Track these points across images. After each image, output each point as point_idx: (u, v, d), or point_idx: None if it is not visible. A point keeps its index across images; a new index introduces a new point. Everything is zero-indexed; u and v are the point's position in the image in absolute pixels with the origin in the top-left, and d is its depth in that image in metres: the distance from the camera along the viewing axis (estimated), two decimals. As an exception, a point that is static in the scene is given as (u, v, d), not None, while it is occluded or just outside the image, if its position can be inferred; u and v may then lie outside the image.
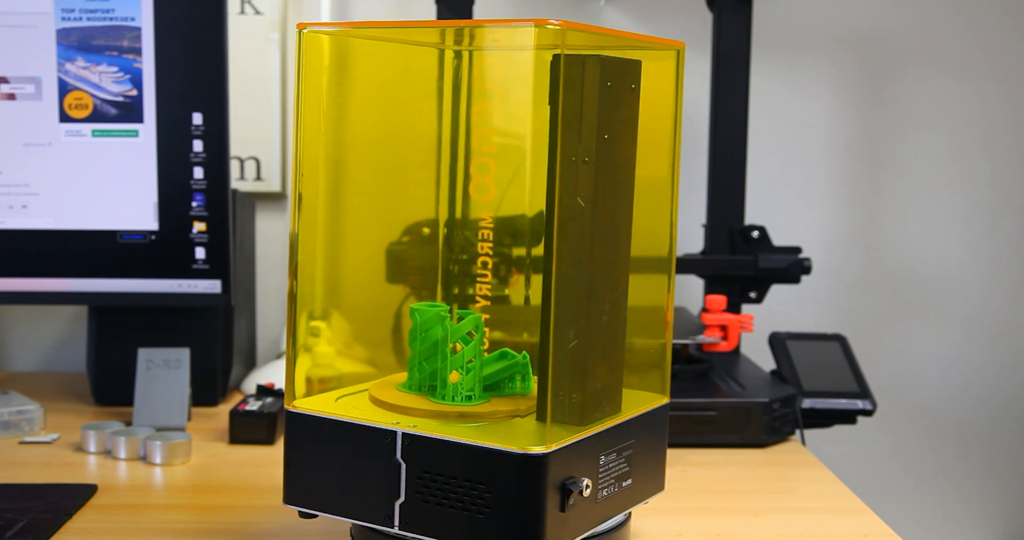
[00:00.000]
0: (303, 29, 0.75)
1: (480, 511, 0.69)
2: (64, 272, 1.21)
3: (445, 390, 0.76)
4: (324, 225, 0.81)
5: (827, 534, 0.88)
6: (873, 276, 1.58)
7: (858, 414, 1.18)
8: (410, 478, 0.71)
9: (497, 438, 0.69)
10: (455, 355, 0.75)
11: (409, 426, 0.71)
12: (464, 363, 0.75)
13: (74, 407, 1.26)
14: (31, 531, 0.82)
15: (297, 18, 1.51)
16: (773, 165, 1.55)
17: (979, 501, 1.61)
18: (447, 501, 0.70)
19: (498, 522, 0.68)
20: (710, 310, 1.18)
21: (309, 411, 0.76)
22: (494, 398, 0.77)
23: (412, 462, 0.71)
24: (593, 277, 0.73)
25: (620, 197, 0.75)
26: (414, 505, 0.71)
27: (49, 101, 1.19)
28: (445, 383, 0.76)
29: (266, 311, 1.53)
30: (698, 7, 1.41)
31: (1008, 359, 1.60)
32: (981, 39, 1.55)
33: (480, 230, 0.79)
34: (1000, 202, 1.58)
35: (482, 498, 0.69)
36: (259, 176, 1.50)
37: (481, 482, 0.69)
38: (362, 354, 0.85)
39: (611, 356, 0.76)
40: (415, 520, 0.71)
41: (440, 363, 0.76)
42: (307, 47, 0.76)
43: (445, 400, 0.75)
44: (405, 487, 0.71)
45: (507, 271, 0.85)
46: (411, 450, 0.71)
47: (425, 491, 0.71)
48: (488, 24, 0.74)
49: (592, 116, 0.71)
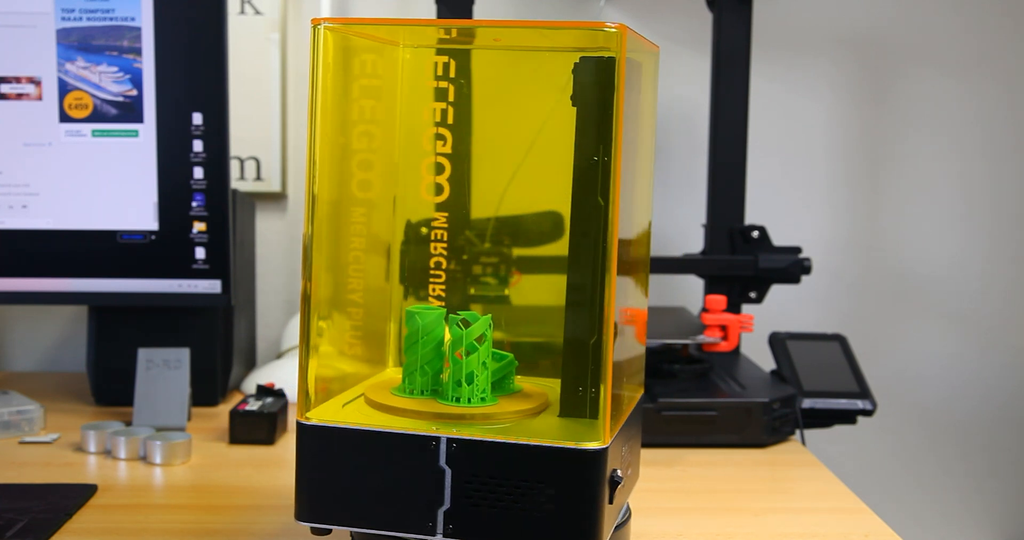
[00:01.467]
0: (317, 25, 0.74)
1: (539, 510, 0.68)
2: (64, 272, 1.21)
3: (459, 393, 0.74)
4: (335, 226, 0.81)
5: (827, 534, 0.88)
6: (873, 276, 1.58)
7: (858, 414, 1.18)
8: (456, 484, 0.69)
9: (551, 436, 0.69)
10: (470, 357, 0.74)
11: (451, 431, 0.70)
12: (479, 365, 0.75)
13: (74, 407, 1.26)
14: (31, 531, 0.82)
15: (297, 18, 1.51)
16: (773, 165, 1.55)
17: (979, 501, 1.61)
18: (501, 504, 0.69)
19: (559, 520, 0.68)
20: (710, 310, 1.18)
21: (330, 423, 0.72)
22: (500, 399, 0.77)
23: (459, 467, 0.69)
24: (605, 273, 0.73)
25: (638, 194, 0.76)
26: (462, 511, 0.69)
27: (49, 101, 1.19)
28: (459, 385, 0.75)
29: (266, 311, 1.53)
30: (698, 7, 1.41)
31: (1008, 359, 1.60)
32: (981, 39, 1.55)
33: (433, 230, 0.79)
34: (999, 202, 1.58)
35: (542, 497, 0.68)
36: (259, 176, 1.50)
37: (540, 481, 0.68)
38: (362, 356, 0.85)
39: (629, 351, 0.77)
40: (463, 526, 0.69)
41: (454, 366, 0.74)
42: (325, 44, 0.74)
43: (461, 403, 0.74)
44: (451, 494, 0.69)
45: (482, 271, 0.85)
46: (458, 455, 0.69)
47: (475, 495, 0.69)
48: (550, 26, 0.74)
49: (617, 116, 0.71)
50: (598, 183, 0.71)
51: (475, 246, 0.85)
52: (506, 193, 0.84)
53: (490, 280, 0.84)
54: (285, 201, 1.53)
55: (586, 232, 0.72)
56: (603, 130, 0.71)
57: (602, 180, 0.72)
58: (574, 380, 0.74)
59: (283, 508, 0.91)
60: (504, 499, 0.68)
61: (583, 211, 0.72)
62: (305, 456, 0.72)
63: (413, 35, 0.81)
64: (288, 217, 1.53)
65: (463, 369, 0.74)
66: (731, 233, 1.35)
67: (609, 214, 0.70)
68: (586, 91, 0.71)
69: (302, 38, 1.51)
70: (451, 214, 0.82)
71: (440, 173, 0.81)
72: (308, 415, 0.73)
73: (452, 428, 0.70)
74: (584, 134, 0.71)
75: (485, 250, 0.85)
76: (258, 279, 1.50)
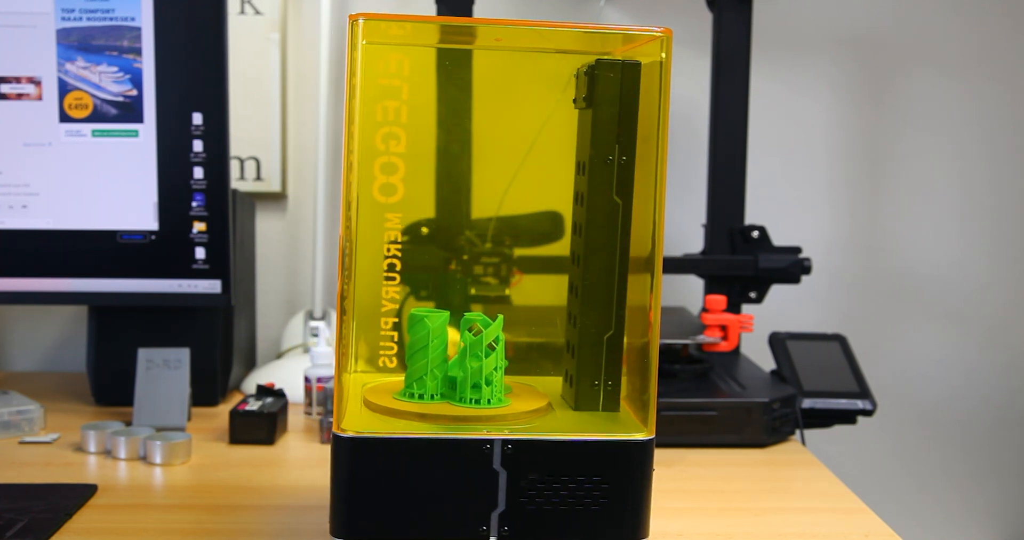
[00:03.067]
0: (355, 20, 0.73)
1: (595, 503, 0.69)
2: (64, 272, 1.21)
3: (477, 394, 0.74)
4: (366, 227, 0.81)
5: (827, 534, 0.88)
6: (873, 276, 1.58)
7: (858, 414, 1.18)
8: (511, 485, 0.69)
9: (598, 430, 0.70)
10: (487, 359, 0.74)
11: (503, 433, 0.69)
12: (497, 366, 0.75)
13: (74, 407, 1.26)
14: (31, 531, 0.82)
15: (297, 18, 1.51)
16: (773, 165, 1.55)
17: (979, 501, 1.61)
18: (556, 501, 0.69)
19: (614, 510, 0.69)
20: (710, 310, 1.18)
21: (372, 434, 0.69)
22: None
23: (514, 468, 0.69)
24: (623, 270, 0.76)
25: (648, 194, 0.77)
26: (516, 512, 0.69)
27: (49, 101, 1.19)
28: (476, 388, 0.74)
29: (266, 311, 1.53)
30: (698, 7, 1.41)
31: (1008, 359, 1.60)
32: (981, 39, 1.55)
33: (386, 232, 0.78)
34: (999, 202, 1.58)
35: (597, 490, 0.69)
36: (259, 176, 1.50)
37: (596, 475, 0.69)
38: (366, 355, 0.85)
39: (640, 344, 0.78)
40: (518, 527, 0.69)
41: (473, 367, 0.74)
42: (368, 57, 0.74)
43: (481, 404, 0.74)
44: (505, 495, 0.69)
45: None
46: (514, 457, 0.69)
47: (531, 495, 0.69)
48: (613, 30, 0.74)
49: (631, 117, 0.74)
50: (614, 182, 0.74)
51: (475, 246, 0.85)
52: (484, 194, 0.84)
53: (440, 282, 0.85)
54: (285, 201, 1.53)
55: (603, 230, 0.74)
56: (626, 131, 0.73)
57: (619, 179, 0.74)
58: (589, 375, 0.75)
59: (283, 508, 0.91)
60: (559, 496, 0.69)
61: (599, 209, 0.74)
62: (342, 470, 0.69)
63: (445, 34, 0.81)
64: (288, 217, 1.53)
65: (482, 371, 0.74)
66: (731, 233, 1.35)
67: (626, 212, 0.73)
68: (607, 93, 0.73)
69: (302, 38, 1.51)
70: (404, 216, 0.81)
71: (393, 173, 0.79)
72: (343, 426, 0.70)
73: (504, 429, 0.70)
74: (602, 135, 0.73)
75: (487, 250, 0.85)
76: (258, 279, 1.50)
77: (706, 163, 1.39)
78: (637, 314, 0.77)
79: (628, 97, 0.74)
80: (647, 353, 0.74)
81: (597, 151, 0.74)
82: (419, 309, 0.77)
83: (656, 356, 0.73)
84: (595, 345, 0.76)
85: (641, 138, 0.77)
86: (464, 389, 0.74)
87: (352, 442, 0.69)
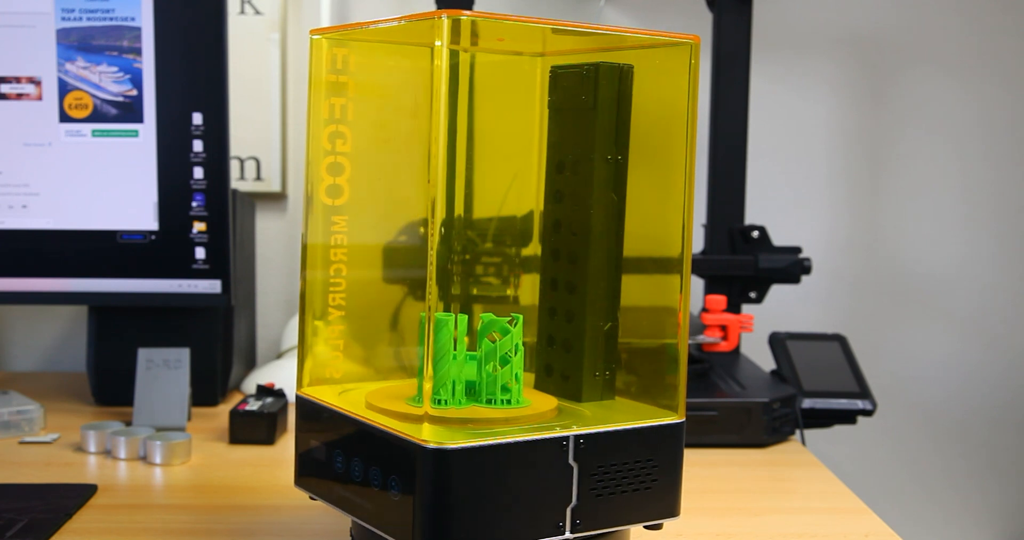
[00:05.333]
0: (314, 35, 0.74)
1: (648, 484, 0.73)
2: (64, 272, 1.21)
3: (507, 395, 0.74)
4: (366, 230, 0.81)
5: (827, 534, 0.88)
6: (873, 276, 1.58)
7: (858, 414, 1.18)
8: (582, 478, 0.71)
9: (640, 417, 0.74)
10: (515, 359, 0.74)
11: (572, 428, 0.71)
12: (520, 367, 0.75)
13: (74, 407, 1.26)
14: (31, 531, 0.82)
15: (297, 18, 1.51)
16: (773, 165, 1.55)
17: (979, 501, 1.61)
18: (618, 487, 0.72)
19: (662, 487, 0.74)
20: (710, 310, 1.18)
21: (462, 443, 0.66)
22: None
23: (585, 461, 0.71)
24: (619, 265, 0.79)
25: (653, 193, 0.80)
26: (586, 504, 0.71)
27: (49, 101, 1.19)
28: (505, 389, 0.74)
29: (266, 311, 1.53)
30: (698, 7, 1.41)
31: (1008, 359, 1.60)
32: (981, 39, 1.55)
33: (333, 235, 0.77)
34: (1000, 202, 1.58)
35: (649, 472, 0.73)
36: (259, 176, 1.50)
37: (650, 458, 0.73)
38: (361, 356, 0.85)
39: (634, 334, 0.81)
40: (587, 518, 0.71)
41: (502, 370, 0.74)
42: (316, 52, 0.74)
43: (512, 405, 0.74)
44: (578, 488, 0.71)
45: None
46: (585, 450, 0.71)
47: (599, 485, 0.71)
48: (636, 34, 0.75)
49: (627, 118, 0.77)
50: (612, 180, 0.76)
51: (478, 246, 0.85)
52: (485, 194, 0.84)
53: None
54: (285, 201, 1.53)
55: (604, 226, 0.77)
56: (622, 131, 0.76)
57: (617, 177, 0.77)
58: (592, 367, 0.78)
59: (283, 508, 0.91)
60: (620, 482, 0.72)
61: (602, 207, 0.76)
62: (439, 487, 0.67)
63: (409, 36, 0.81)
64: (288, 217, 1.53)
65: (511, 371, 0.74)
66: (731, 233, 1.35)
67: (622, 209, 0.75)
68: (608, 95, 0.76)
69: (302, 38, 1.51)
70: (351, 218, 0.79)
71: (339, 174, 0.78)
72: (424, 437, 0.67)
73: (572, 425, 0.72)
74: (603, 134, 0.76)
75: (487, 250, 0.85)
76: (258, 279, 1.50)
77: (706, 163, 1.39)
78: (663, 314, 0.79)
79: (625, 99, 0.77)
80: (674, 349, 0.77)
81: (600, 150, 0.76)
82: (440, 314, 0.75)
83: (686, 343, 0.77)
84: (595, 338, 0.78)
85: (649, 138, 0.78)
86: (494, 391, 0.74)
87: (451, 454, 0.66)
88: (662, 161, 0.80)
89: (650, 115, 0.78)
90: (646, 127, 0.78)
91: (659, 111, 0.79)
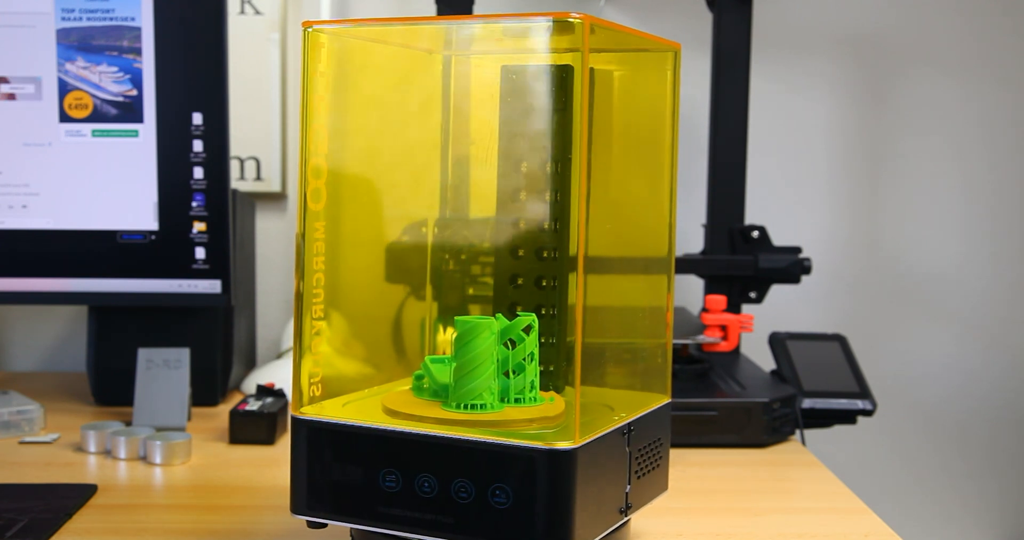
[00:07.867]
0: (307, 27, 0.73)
1: (658, 462, 0.80)
2: (64, 272, 1.21)
3: (535, 393, 0.75)
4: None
5: (827, 534, 0.88)
6: (873, 276, 1.58)
7: (858, 414, 1.18)
8: (632, 460, 0.76)
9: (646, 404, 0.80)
10: (535, 359, 0.75)
11: (620, 415, 0.75)
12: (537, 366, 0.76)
13: (74, 407, 1.26)
14: (31, 531, 0.82)
15: (297, 18, 1.51)
16: (773, 165, 1.55)
17: (979, 501, 1.61)
18: (650, 465, 0.79)
19: (664, 463, 0.82)
20: (710, 310, 1.18)
21: (571, 445, 0.68)
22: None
23: (634, 446, 0.76)
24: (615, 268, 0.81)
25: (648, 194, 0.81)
26: (638, 482, 0.77)
27: (49, 101, 1.19)
28: (532, 388, 0.75)
29: (266, 311, 1.53)
30: (698, 7, 1.41)
31: (1008, 359, 1.60)
32: (981, 39, 1.55)
33: (315, 243, 0.77)
34: (1000, 202, 1.58)
35: (659, 450, 0.81)
36: (259, 176, 1.50)
37: (659, 437, 0.81)
38: (364, 356, 0.84)
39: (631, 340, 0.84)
40: (636, 498, 0.77)
41: (527, 372, 0.75)
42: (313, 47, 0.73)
43: (538, 401, 0.75)
44: (631, 471, 0.76)
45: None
46: (635, 435, 0.76)
47: (640, 468, 0.77)
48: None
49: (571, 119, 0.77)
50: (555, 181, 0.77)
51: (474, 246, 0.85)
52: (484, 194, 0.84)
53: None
54: (285, 201, 1.53)
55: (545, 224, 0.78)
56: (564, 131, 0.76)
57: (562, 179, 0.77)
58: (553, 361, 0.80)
59: (283, 508, 0.91)
60: (652, 459, 0.79)
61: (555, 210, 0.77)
62: (561, 495, 0.68)
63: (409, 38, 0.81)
64: (288, 217, 1.53)
65: (535, 370, 0.75)
66: (731, 233, 1.35)
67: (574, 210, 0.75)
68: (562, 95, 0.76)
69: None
70: (328, 224, 0.78)
71: (318, 177, 0.76)
72: (535, 441, 0.68)
73: (622, 413, 0.76)
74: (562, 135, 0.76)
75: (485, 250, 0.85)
76: (258, 279, 1.50)
77: (706, 163, 1.39)
78: (653, 314, 0.82)
79: (574, 100, 0.75)
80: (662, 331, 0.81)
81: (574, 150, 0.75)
82: (467, 317, 0.74)
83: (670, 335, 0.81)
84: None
85: (636, 141, 0.78)
86: (524, 390, 0.75)
87: (566, 455, 0.67)
88: (649, 163, 0.81)
89: (637, 117, 0.79)
90: (633, 129, 0.79)
91: (645, 114, 0.79)
